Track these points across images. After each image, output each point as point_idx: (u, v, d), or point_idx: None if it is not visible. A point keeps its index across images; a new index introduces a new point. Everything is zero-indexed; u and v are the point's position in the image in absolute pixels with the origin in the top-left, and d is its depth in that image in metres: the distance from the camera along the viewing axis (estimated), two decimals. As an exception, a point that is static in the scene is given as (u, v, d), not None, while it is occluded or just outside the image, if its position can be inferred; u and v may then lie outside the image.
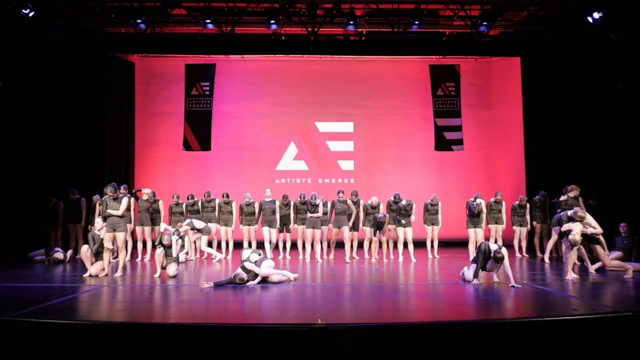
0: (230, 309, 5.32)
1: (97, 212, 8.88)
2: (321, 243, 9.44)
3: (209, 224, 9.60)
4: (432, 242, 9.80)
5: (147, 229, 9.35)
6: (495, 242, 9.37)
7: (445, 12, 10.91)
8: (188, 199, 9.82)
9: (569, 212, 7.35)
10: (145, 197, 9.45)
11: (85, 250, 7.40)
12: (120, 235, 7.49)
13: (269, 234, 9.53)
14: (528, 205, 9.90)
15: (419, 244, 9.82)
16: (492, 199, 9.68)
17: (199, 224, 9.38)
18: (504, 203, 9.68)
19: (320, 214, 9.14)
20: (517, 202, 9.95)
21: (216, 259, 9.40)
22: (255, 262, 6.71)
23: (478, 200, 9.24)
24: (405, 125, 13.22)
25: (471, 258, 7.24)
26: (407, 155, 13.12)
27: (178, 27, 11.26)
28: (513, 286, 6.15)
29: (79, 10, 10.32)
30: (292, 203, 9.78)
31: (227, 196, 9.85)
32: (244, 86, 13.07)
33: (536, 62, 11.50)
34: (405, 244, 9.46)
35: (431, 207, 9.72)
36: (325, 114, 13.15)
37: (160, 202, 9.55)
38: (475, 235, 9.22)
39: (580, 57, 10.68)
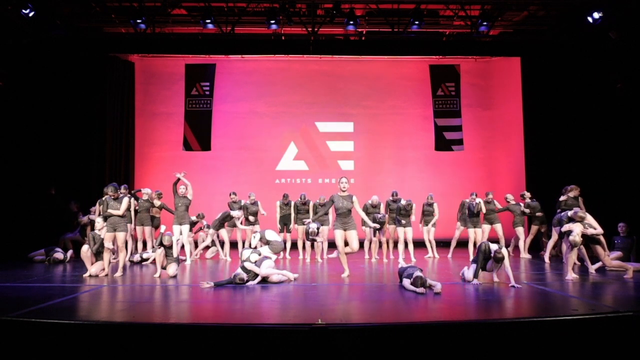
0: (230, 309, 5.31)
1: (97, 212, 8.90)
2: (322, 243, 9.44)
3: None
4: (429, 242, 9.80)
5: (147, 229, 9.36)
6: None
7: (445, 12, 10.90)
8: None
9: (569, 213, 7.35)
10: (145, 197, 9.47)
11: (85, 250, 7.40)
12: (120, 235, 7.50)
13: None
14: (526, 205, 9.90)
15: (419, 244, 9.82)
16: (484, 200, 9.64)
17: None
18: (495, 202, 9.68)
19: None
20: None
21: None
22: (255, 262, 6.72)
23: (477, 200, 9.25)
24: (405, 125, 13.22)
25: (471, 258, 7.24)
26: (407, 155, 13.12)
27: (178, 27, 11.25)
28: (513, 286, 6.15)
29: (79, 10, 10.32)
30: (292, 203, 9.79)
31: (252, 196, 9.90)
32: (244, 86, 13.07)
33: (536, 62, 11.50)
34: (406, 244, 9.46)
35: (427, 207, 9.74)
36: (325, 114, 13.16)
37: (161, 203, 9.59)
38: (475, 235, 9.22)
39: (580, 57, 10.67)
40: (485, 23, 10.33)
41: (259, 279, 6.57)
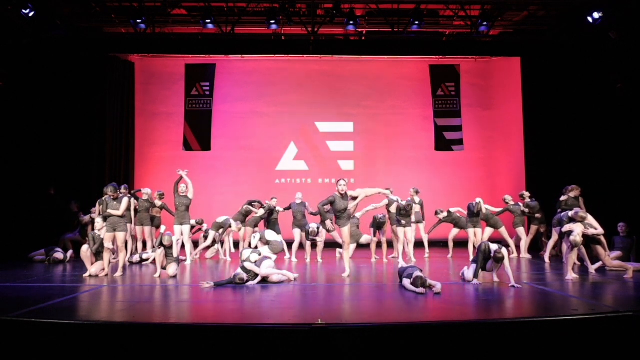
0: (230, 309, 5.32)
1: (97, 212, 8.90)
2: (322, 243, 9.44)
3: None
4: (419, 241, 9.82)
5: (147, 229, 9.36)
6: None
7: (445, 12, 10.90)
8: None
9: (570, 213, 7.34)
10: (145, 197, 9.47)
11: (85, 250, 7.40)
12: (120, 235, 7.50)
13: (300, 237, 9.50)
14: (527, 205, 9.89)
15: (418, 244, 9.81)
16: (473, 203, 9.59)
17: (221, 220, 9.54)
18: (488, 207, 9.66)
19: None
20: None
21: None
22: (255, 262, 6.72)
23: (477, 200, 9.25)
24: (405, 125, 13.22)
25: (471, 258, 7.24)
26: (407, 155, 13.11)
27: (178, 27, 11.25)
28: (513, 286, 6.15)
29: (79, 10, 10.32)
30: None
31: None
32: (244, 86, 13.06)
33: (536, 62, 11.49)
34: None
35: (415, 205, 9.79)
36: (325, 114, 13.15)
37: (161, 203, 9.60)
38: (475, 235, 9.21)
39: (580, 57, 10.67)
40: (485, 23, 10.33)
41: (259, 279, 6.57)
